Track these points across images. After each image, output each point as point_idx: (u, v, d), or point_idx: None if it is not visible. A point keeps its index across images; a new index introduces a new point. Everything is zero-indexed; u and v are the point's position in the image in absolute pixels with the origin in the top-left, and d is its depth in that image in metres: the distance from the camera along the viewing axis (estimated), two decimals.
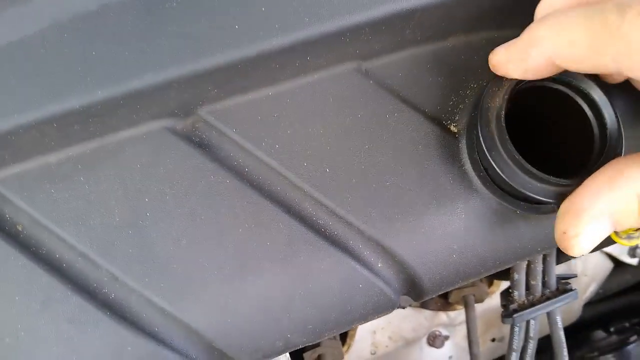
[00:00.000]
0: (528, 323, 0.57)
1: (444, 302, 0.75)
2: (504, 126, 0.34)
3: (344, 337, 0.74)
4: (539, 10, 0.33)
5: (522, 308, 0.55)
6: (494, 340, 0.83)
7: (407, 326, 0.76)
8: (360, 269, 0.37)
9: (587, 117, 0.35)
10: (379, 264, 0.37)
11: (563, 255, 0.58)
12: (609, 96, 0.35)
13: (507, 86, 0.34)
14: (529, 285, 0.55)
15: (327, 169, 0.36)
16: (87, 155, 0.35)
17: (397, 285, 0.39)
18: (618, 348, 0.95)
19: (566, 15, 0.30)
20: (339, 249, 0.36)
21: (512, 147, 0.33)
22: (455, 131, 0.38)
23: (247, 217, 0.35)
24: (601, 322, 1.04)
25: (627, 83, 0.36)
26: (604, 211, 0.30)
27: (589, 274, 0.92)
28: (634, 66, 0.28)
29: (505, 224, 0.38)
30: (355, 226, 0.36)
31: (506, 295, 0.57)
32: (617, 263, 0.98)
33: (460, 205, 0.37)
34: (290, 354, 0.67)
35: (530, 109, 0.38)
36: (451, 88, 0.38)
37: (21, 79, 0.32)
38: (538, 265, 0.54)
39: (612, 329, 1.02)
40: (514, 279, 0.55)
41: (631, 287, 1.05)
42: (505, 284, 0.71)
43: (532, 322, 0.57)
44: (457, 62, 0.39)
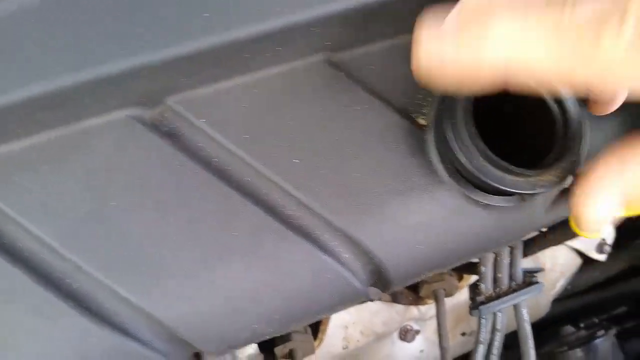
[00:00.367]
0: (495, 316, 0.58)
1: (415, 296, 0.76)
2: (472, 118, 0.34)
3: (315, 332, 0.74)
4: None
5: (488, 300, 0.56)
6: (464, 334, 0.84)
7: (378, 321, 0.77)
8: (327, 260, 0.37)
9: (550, 108, 0.36)
10: (346, 254, 0.37)
11: (530, 248, 0.59)
12: None
13: None
14: (495, 279, 0.56)
15: (296, 160, 0.36)
16: (51, 143, 0.35)
17: (364, 276, 0.39)
18: (586, 343, 0.97)
19: None
20: (306, 240, 0.36)
21: (479, 138, 0.34)
22: (424, 123, 0.38)
23: (214, 208, 0.35)
24: (570, 318, 1.06)
25: None
26: (616, 191, 0.30)
27: (557, 269, 0.94)
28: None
29: (471, 215, 0.38)
30: (323, 217, 0.36)
31: (474, 288, 0.58)
32: (586, 259, 1.00)
33: (426, 196, 0.37)
34: (261, 348, 0.68)
35: (497, 102, 0.39)
36: None
37: None
38: (505, 258, 0.56)
39: (582, 324, 1.04)
40: (481, 272, 0.56)
41: (600, 284, 1.08)
42: (475, 279, 0.72)
43: (499, 314, 0.58)
44: None
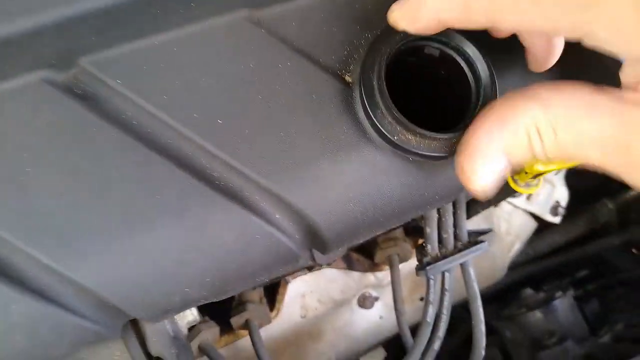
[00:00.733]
0: (444, 276, 0.59)
1: (370, 263, 0.76)
2: (384, 82, 0.35)
3: (272, 302, 0.74)
4: None
5: (435, 261, 0.57)
6: (422, 299, 0.85)
7: (335, 288, 0.77)
8: (256, 220, 0.36)
9: (464, 72, 0.37)
10: (276, 214, 0.37)
11: (473, 208, 0.60)
12: (487, 51, 0.36)
13: (390, 44, 0.35)
14: (441, 239, 0.57)
15: (219, 120, 0.36)
16: None
17: (297, 236, 0.39)
18: (545, 304, 1.00)
19: None
20: (233, 201, 0.36)
21: (388, 98, 0.34)
22: (350, 81, 0.38)
23: (135, 171, 0.34)
24: (533, 283, 1.09)
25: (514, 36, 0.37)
26: (497, 148, 0.31)
27: (512, 232, 0.96)
28: (503, 18, 0.30)
29: (400, 172, 0.38)
30: (249, 177, 0.36)
31: (421, 250, 0.58)
32: (542, 223, 1.02)
33: (354, 154, 0.37)
34: (218, 320, 0.67)
35: (417, 68, 0.40)
36: (345, 38, 0.38)
37: None
38: (449, 218, 0.56)
39: (545, 287, 1.07)
40: (426, 232, 0.56)
41: (561, 248, 1.10)
42: None
43: (447, 274, 0.59)
44: (351, 12, 0.38)
